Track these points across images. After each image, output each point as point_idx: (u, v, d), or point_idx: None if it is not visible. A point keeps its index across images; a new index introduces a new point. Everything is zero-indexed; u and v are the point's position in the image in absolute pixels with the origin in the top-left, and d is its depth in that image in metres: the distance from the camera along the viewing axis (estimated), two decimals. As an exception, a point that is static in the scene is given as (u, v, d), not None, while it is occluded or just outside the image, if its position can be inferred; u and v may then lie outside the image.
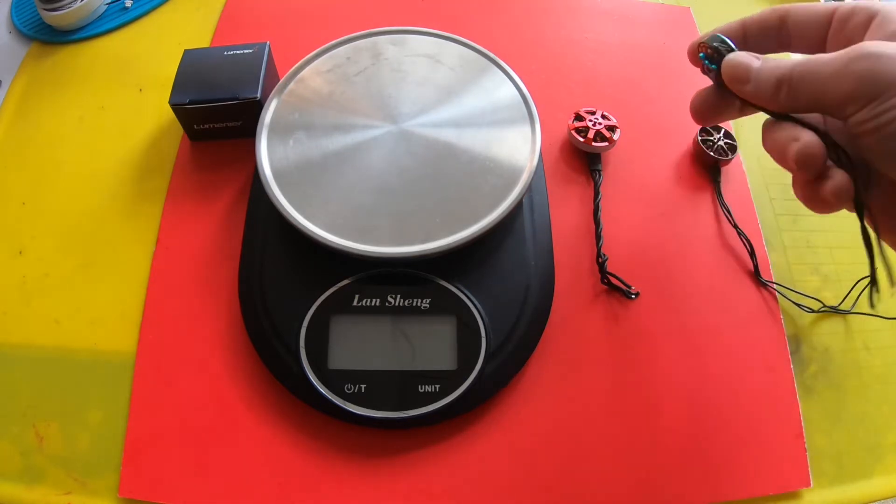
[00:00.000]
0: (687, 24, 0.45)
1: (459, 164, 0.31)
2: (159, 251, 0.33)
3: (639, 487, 0.29)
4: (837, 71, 0.25)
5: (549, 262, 0.32)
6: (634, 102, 0.40)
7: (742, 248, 0.35)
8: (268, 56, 0.35)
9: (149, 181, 0.36)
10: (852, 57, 0.25)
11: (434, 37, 0.36)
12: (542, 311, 0.31)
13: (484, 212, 0.29)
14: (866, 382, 0.32)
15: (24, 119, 0.39)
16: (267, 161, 0.31)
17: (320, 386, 0.28)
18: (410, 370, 0.29)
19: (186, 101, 0.33)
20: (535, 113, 0.32)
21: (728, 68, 0.27)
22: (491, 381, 0.29)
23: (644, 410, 0.30)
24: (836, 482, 0.30)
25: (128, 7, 0.43)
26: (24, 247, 0.34)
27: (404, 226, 0.29)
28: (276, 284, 0.30)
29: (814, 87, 0.26)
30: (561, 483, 0.28)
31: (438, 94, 0.33)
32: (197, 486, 0.28)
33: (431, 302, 0.29)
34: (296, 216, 0.29)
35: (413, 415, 0.28)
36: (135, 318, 0.32)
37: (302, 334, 0.29)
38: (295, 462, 0.28)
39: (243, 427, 0.29)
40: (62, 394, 0.30)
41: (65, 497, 0.28)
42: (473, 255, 0.30)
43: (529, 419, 0.30)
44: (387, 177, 0.30)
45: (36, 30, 0.42)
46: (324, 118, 0.32)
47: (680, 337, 0.32)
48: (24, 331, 0.32)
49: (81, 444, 0.29)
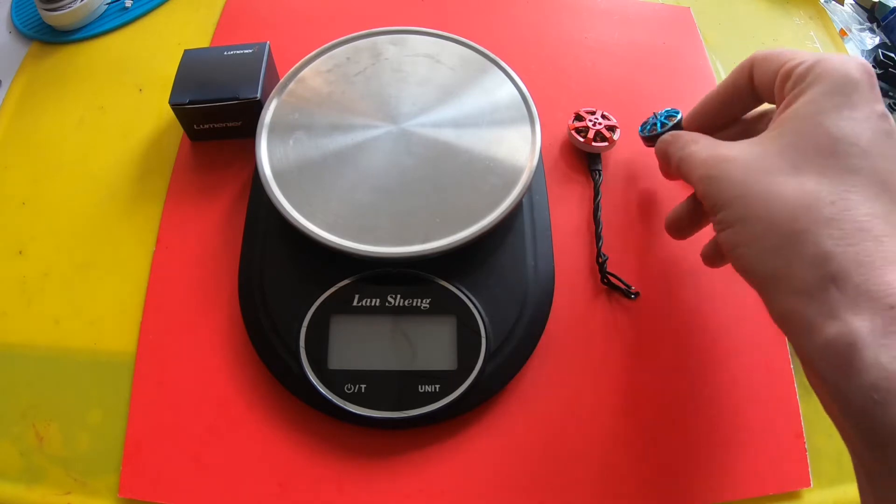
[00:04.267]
0: (687, 24, 0.45)
1: (459, 164, 0.31)
2: (159, 251, 0.33)
3: (639, 487, 0.28)
4: (697, 169, 0.27)
5: (549, 262, 0.32)
6: (634, 102, 0.40)
7: (742, 248, 0.34)
8: (268, 56, 0.35)
9: (149, 181, 0.36)
10: (705, 159, 0.26)
11: (434, 37, 0.36)
12: (542, 311, 0.31)
13: (484, 212, 0.29)
14: (866, 382, 0.32)
15: (24, 119, 0.39)
16: (267, 161, 0.31)
17: (320, 386, 0.28)
18: (410, 370, 0.29)
19: (186, 101, 0.33)
20: (535, 113, 0.32)
21: (658, 144, 0.31)
22: (491, 381, 0.29)
23: (644, 410, 0.30)
24: (836, 482, 0.30)
25: (128, 7, 0.43)
26: (24, 247, 0.34)
27: (404, 226, 0.29)
28: (276, 284, 0.30)
29: (687, 176, 0.28)
30: (561, 483, 0.28)
31: (438, 94, 0.33)
32: (197, 486, 0.28)
33: (431, 302, 0.29)
34: (296, 216, 0.29)
35: (413, 415, 0.28)
36: (135, 318, 0.32)
37: (302, 334, 0.29)
38: (295, 462, 0.28)
39: (243, 427, 0.29)
40: (62, 394, 0.30)
41: (65, 497, 0.28)
42: (473, 255, 0.30)
43: (530, 419, 0.30)
44: (387, 177, 0.30)
45: (36, 30, 0.42)
46: (324, 118, 0.32)
47: (680, 337, 0.32)
48: (24, 331, 0.32)
49: (81, 444, 0.29)
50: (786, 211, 0.22)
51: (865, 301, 0.20)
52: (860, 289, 0.20)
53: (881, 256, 0.20)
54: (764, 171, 0.24)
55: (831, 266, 0.21)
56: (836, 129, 0.23)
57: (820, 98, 0.24)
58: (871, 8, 0.50)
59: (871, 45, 0.47)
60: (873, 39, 0.48)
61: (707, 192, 0.25)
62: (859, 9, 0.50)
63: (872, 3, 0.49)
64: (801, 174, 0.23)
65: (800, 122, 0.24)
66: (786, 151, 0.24)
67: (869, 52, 0.47)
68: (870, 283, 0.20)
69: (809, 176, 0.23)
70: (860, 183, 0.22)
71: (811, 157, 0.23)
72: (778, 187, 0.23)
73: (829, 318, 0.20)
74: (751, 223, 0.24)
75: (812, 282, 0.21)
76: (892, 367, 0.19)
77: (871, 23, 0.49)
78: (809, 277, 0.21)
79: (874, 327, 0.19)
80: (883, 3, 0.49)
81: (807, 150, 0.23)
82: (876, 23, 0.49)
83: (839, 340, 0.20)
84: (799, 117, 0.24)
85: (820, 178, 0.22)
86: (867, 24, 0.49)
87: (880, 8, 0.49)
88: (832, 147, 0.23)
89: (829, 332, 0.20)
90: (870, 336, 0.19)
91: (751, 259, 0.24)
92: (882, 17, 0.49)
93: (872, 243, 0.21)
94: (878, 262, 0.20)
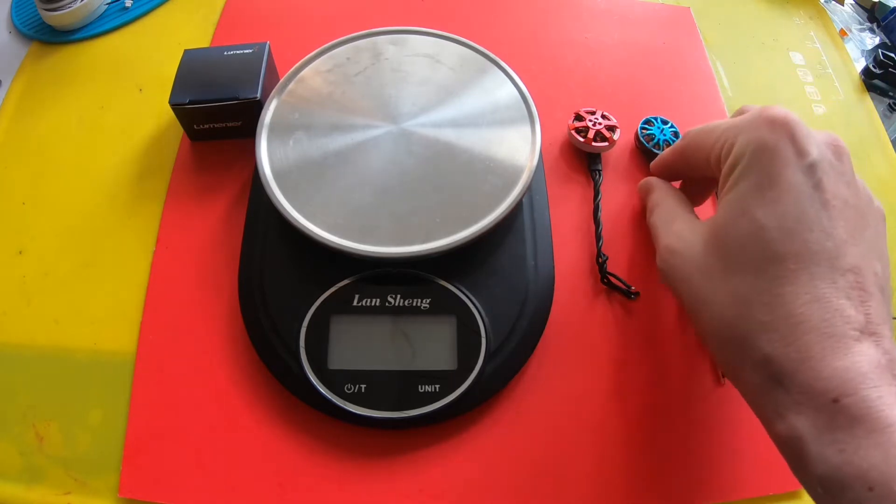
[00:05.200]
0: (687, 24, 0.45)
1: (459, 164, 0.31)
2: (159, 251, 0.33)
3: (639, 486, 0.28)
4: (656, 247, 0.28)
5: (549, 262, 0.32)
6: (634, 102, 0.40)
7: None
8: (268, 56, 0.35)
9: (149, 181, 0.36)
10: (660, 243, 0.27)
11: (434, 37, 0.36)
12: (542, 311, 0.31)
13: (484, 212, 0.29)
14: (866, 382, 0.32)
15: (24, 119, 0.39)
16: (267, 161, 0.31)
17: (320, 386, 0.28)
18: (410, 370, 0.28)
19: (186, 101, 0.33)
20: (535, 113, 0.32)
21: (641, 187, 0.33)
22: (491, 381, 0.29)
23: (644, 410, 0.30)
24: (836, 482, 0.30)
25: (128, 7, 0.43)
26: (24, 247, 0.34)
27: (404, 226, 0.29)
28: (276, 284, 0.30)
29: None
30: (560, 483, 0.28)
31: (438, 94, 0.33)
32: (197, 486, 0.28)
33: (431, 302, 0.29)
34: (296, 216, 0.29)
35: (413, 415, 0.28)
36: (135, 318, 0.32)
37: (302, 334, 0.29)
38: (295, 462, 0.28)
39: (243, 427, 0.29)
40: (62, 394, 0.30)
41: (65, 497, 0.28)
42: (473, 255, 0.30)
43: (529, 419, 0.30)
44: (387, 177, 0.30)
45: (36, 30, 0.42)
46: (324, 118, 0.32)
47: (680, 337, 0.32)
48: (24, 331, 0.32)
49: (81, 444, 0.29)
50: (724, 320, 0.23)
51: (808, 400, 0.20)
52: (803, 387, 0.20)
53: (823, 347, 0.20)
54: (702, 274, 0.24)
55: (773, 368, 0.21)
56: (759, 216, 0.22)
57: (742, 185, 0.23)
58: (871, 8, 0.50)
59: (871, 45, 0.47)
60: (873, 39, 0.48)
61: (664, 277, 0.27)
62: (859, 9, 0.50)
63: (872, 3, 0.49)
64: (733, 275, 0.23)
65: (729, 214, 0.24)
66: (720, 250, 0.23)
67: (869, 52, 0.47)
68: (813, 378, 0.20)
69: (742, 276, 0.22)
70: (791, 270, 0.21)
71: (740, 254, 0.23)
72: (714, 295, 0.23)
73: (777, 417, 0.21)
74: (700, 324, 0.24)
75: (759, 383, 0.22)
76: (836, 461, 0.19)
77: (871, 23, 0.49)
78: (756, 380, 0.22)
79: (817, 423, 0.20)
80: (883, 3, 0.49)
81: (736, 246, 0.23)
82: (876, 23, 0.49)
83: (788, 436, 0.20)
84: (729, 207, 0.24)
85: (752, 279, 0.22)
86: (867, 24, 0.49)
87: (880, 8, 0.49)
88: (757, 237, 0.22)
89: (779, 429, 0.21)
90: (813, 432, 0.20)
91: (712, 349, 0.25)
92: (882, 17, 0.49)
93: (813, 335, 0.20)
94: (821, 353, 0.20)
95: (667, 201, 0.29)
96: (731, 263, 0.23)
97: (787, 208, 0.22)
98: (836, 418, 0.19)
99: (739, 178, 0.23)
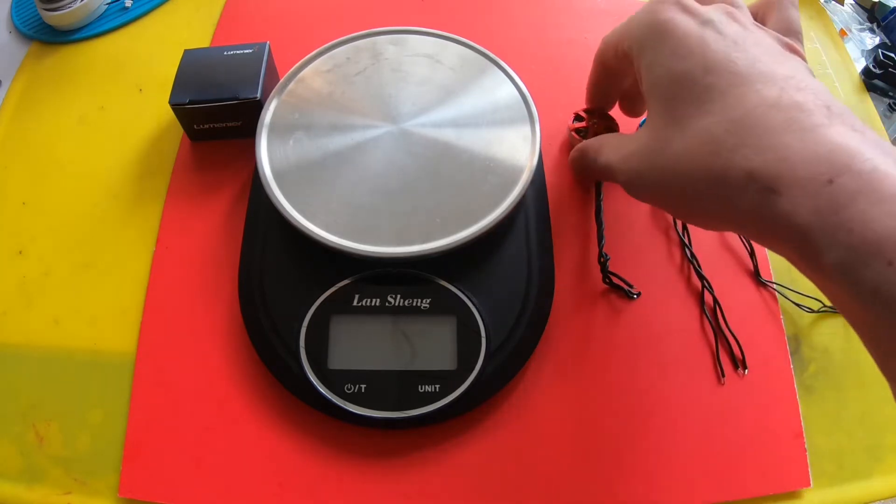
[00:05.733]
0: (687, 24, 0.45)
1: (459, 163, 0.31)
2: (159, 251, 0.33)
3: (639, 487, 0.29)
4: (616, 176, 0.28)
5: (549, 262, 0.32)
6: (634, 102, 0.40)
7: (742, 249, 0.35)
8: (268, 56, 0.35)
9: (149, 181, 0.36)
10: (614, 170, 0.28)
11: (434, 37, 0.36)
12: (542, 311, 0.31)
13: (484, 212, 0.29)
14: (866, 382, 0.32)
15: (24, 119, 0.39)
16: (267, 161, 0.31)
17: (320, 386, 0.28)
18: (410, 370, 0.29)
19: (186, 101, 0.33)
20: (535, 113, 0.32)
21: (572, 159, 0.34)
22: (491, 381, 0.29)
23: (644, 410, 0.30)
24: (836, 482, 0.30)
25: (128, 7, 0.43)
26: (24, 247, 0.34)
27: (404, 226, 0.29)
28: (276, 284, 0.30)
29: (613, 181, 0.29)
30: (561, 483, 0.28)
31: (438, 94, 0.33)
32: (197, 487, 0.28)
33: (431, 302, 0.29)
34: (296, 216, 0.29)
35: (413, 415, 0.28)
36: (135, 318, 0.32)
37: (302, 334, 0.29)
38: (295, 462, 0.28)
39: (243, 427, 0.29)
40: (62, 394, 0.30)
41: (65, 497, 0.28)
42: (473, 255, 0.30)
43: (529, 419, 0.30)
44: (387, 177, 0.30)
45: (36, 30, 0.42)
46: (324, 118, 0.32)
47: (680, 337, 0.32)
48: (24, 331, 0.32)
49: (81, 444, 0.29)
50: (702, 169, 0.22)
51: (802, 191, 0.19)
52: (793, 180, 0.20)
53: (798, 139, 0.20)
54: (661, 150, 0.24)
55: (759, 180, 0.20)
56: (680, 67, 0.23)
57: (650, 55, 0.25)
58: (871, 8, 0.50)
59: (871, 45, 0.47)
60: (873, 39, 0.48)
61: (636, 189, 0.27)
62: (859, 9, 0.50)
63: (872, 3, 0.49)
64: (686, 128, 0.23)
65: (653, 88, 0.25)
66: (663, 117, 0.24)
67: (869, 52, 0.47)
68: (800, 167, 0.20)
69: (694, 122, 0.23)
70: (736, 94, 0.22)
71: (682, 105, 0.23)
72: (683, 157, 0.23)
73: (781, 221, 0.20)
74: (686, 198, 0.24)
75: (755, 204, 0.21)
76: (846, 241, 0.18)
77: (871, 23, 0.49)
78: (750, 203, 0.21)
79: (818, 209, 0.19)
80: (883, 3, 0.49)
81: (674, 101, 0.24)
82: (876, 23, 0.49)
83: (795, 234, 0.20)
84: (650, 85, 0.25)
85: (704, 119, 0.23)
86: (867, 24, 0.49)
87: (880, 8, 0.49)
88: (688, 81, 0.23)
89: (783, 232, 0.20)
90: (817, 221, 0.19)
91: (709, 215, 0.24)
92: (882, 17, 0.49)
93: (786, 135, 0.20)
94: (800, 145, 0.20)
95: (591, 142, 0.31)
96: (678, 119, 0.23)
97: (705, 52, 0.23)
98: (836, 198, 0.19)
99: (647, 52, 0.25)
